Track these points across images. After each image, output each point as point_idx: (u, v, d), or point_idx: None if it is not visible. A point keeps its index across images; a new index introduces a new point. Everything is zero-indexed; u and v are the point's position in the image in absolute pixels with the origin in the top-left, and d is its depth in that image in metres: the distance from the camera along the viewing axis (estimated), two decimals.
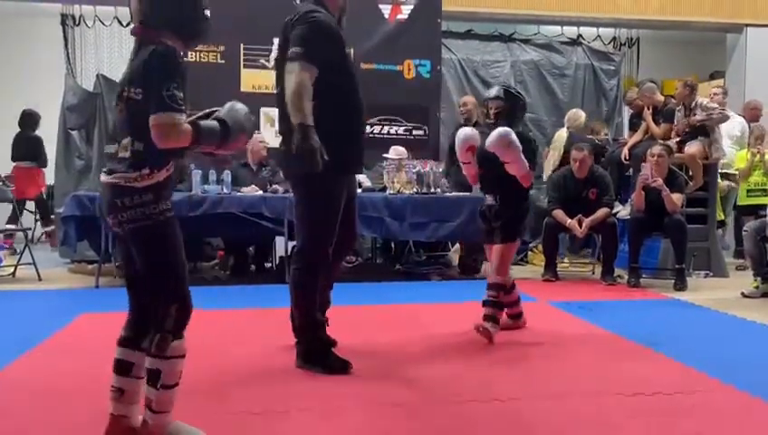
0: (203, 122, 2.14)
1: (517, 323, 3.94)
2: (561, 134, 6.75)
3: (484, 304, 3.67)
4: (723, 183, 6.64)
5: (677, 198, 5.45)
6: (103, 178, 2.13)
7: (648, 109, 6.58)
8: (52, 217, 7.38)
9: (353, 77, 3.07)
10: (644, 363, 3.24)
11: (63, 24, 7.02)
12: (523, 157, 3.52)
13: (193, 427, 2.25)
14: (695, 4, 7.70)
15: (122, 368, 2.19)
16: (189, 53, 6.30)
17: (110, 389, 2.20)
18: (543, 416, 2.56)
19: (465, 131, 3.75)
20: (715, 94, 6.71)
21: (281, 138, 3.12)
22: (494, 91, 3.73)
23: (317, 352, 3.06)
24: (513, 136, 3.47)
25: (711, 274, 6.09)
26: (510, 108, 3.66)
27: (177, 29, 2.14)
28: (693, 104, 6.17)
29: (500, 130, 3.49)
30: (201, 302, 3.80)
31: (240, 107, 2.24)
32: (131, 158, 2.08)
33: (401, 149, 6.27)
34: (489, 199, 3.76)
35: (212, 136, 2.14)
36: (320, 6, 3.01)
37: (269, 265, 6.21)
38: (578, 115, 6.87)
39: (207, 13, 2.23)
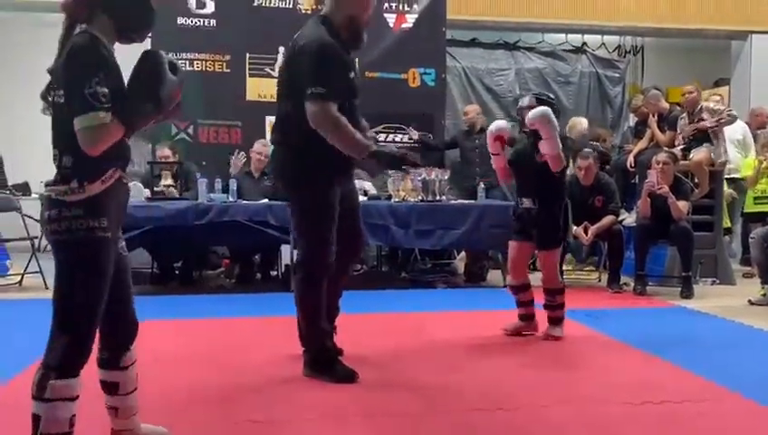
0: (129, 104, 1.86)
1: (529, 326, 3.97)
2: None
3: (545, 307, 3.87)
4: (727, 191, 6.62)
5: (683, 205, 5.44)
6: (44, 188, 1.97)
7: (654, 116, 6.58)
8: None
9: (354, 98, 3.06)
10: (651, 372, 3.22)
11: None
12: (558, 139, 3.60)
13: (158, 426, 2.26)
14: (699, 12, 7.70)
15: (109, 388, 2.13)
16: (196, 62, 6.36)
17: (105, 406, 2.17)
18: (549, 425, 2.55)
19: (497, 122, 4.00)
20: (716, 102, 6.70)
21: (273, 148, 3.15)
22: (526, 100, 3.82)
23: (323, 362, 3.06)
24: (554, 117, 3.60)
25: (718, 281, 6.06)
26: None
27: (114, 11, 1.88)
28: (698, 108, 6.17)
29: (543, 107, 3.62)
30: (207, 310, 3.83)
31: (160, 61, 1.91)
32: (60, 169, 1.86)
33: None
34: (527, 203, 3.82)
35: (145, 115, 1.90)
36: (325, 25, 3.00)
37: (275, 273, 6.21)
38: (576, 123, 6.91)
39: (152, 3, 1.98)
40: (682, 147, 6.20)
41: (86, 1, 1.86)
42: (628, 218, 6.15)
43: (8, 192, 6.70)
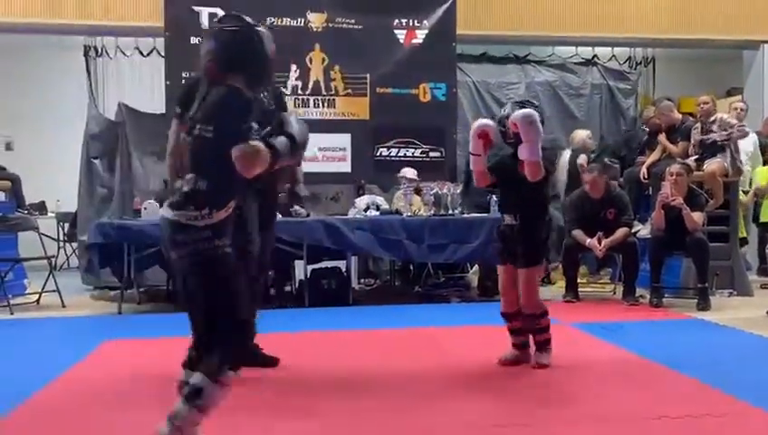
0: (276, 142, 2.24)
1: (525, 354, 3.61)
2: (564, 156, 6.84)
3: (531, 334, 3.56)
4: (746, 198, 6.57)
5: (698, 216, 5.40)
6: (165, 212, 2.24)
7: (662, 130, 6.54)
8: (74, 243, 7.51)
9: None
10: (669, 385, 3.20)
11: (86, 55, 7.17)
12: (540, 145, 3.34)
13: None
14: (710, 23, 7.68)
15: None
16: None
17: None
18: None
19: (482, 120, 3.62)
20: (741, 110, 6.64)
21: None
22: (508, 108, 3.56)
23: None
24: (539, 121, 3.35)
25: (735, 293, 6.00)
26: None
27: (244, 72, 2.29)
28: (711, 119, 6.14)
29: (528, 109, 3.39)
30: None
31: (300, 120, 2.37)
32: (193, 195, 2.19)
33: (412, 170, 6.32)
34: (508, 219, 3.56)
35: (285, 152, 2.26)
36: None
37: (288, 288, 6.24)
38: (575, 135, 6.93)
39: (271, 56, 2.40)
40: (695, 158, 6.17)
41: (224, 67, 2.29)
42: (643, 230, 6.12)
43: (26, 211, 6.79)
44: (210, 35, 2.41)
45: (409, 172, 6.32)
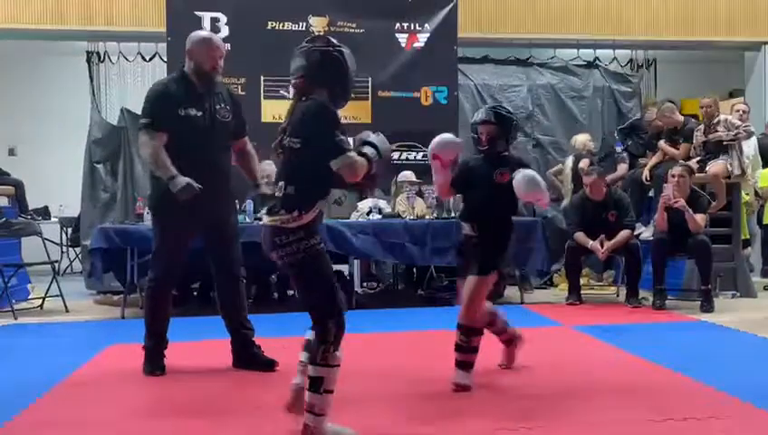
0: (367, 151, 2.52)
1: (513, 349, 3.59)
2: (567, 161, 6.87)
3: (456, 348, 3.25)
4: (752, 199, 6.56)
5: (701, 218, 5.40)
6: (264, 218, 2.50)
7: (662, 131, 6.54)
8: (77, 248, 7.53)
9: (196, 132, 3.49)
10: (673, 388, 3.19)
11: (89, 60, 7.21)
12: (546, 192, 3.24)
13: (346, 428, 2.52)
14: (711, 24, 7.69)
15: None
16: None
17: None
18: None
19: (441, 137, 3.29)
20: (744, 112, 6.64)
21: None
22: (482, 115, 3.32)
23: (147, 355, 3.55)
24: (538, 177, 3.19)
25: (738, 294, 5.99)
26: (503, 130, 3.27)
27: (329, 88, 2.53)
28: (715, 120, 6.14)
29: (526, 176, 3.14)
30: (225, 331, 3.84)
31: (380, 134, 2.63)
32: (284, 200, 2.46)
33: (410, 173, 6.32)
34: (466, 229, 3.31)
35: (375, 160, 2.53)
36: (176, 74, 3.63)
37: (291, 292, 6.23)
38: (575, 140, 6.95)
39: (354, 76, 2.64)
40: (697, 159, 6.16)
41: (312, 82, 2.53)
42: (645, 232, 6.12)
43: (29, 217, 6.81)
44: (300, 54, 2.59)
45: (409, 175, 6.32)
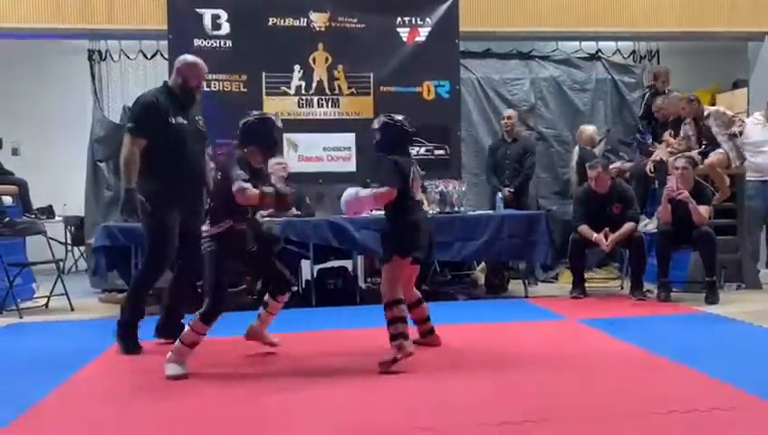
0: (266, 190, 3.41)
1: (430, 340, 3.94)
2: (574, 153, 6.88)
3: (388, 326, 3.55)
4: None
5: (705, 210, 5.38)
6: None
7: (668, 123, 6.52)
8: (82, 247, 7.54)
9: (182, 140, 3.94)
10: (678, 380, 3.19)
11: (90, 58, 7.21)
12: (373, 198, 3.67)
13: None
14: (714, 15, 7.63)
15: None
16: (213, 83, 6.48)
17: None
18: None
19: (348, 194, 3.78)
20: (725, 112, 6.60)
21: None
22: (374, 123, 3.83)
23: (122, 332, 3.94)
24: (349, 193, 3.72)
25: (743, 286, 5.98)
26: (384, 138, 3.71)
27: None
28: (706, 114, 6.10)
29: (343, 197, 3.77)
30: (230, 328, 3.86)
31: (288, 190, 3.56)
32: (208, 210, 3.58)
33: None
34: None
35: (265, 196, 3.38)
36: (161, 87, 4.08)
37: (295, 288, 6.23)
38: (583, 130, 6.93)
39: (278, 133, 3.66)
40: (698, 150, 6.12)
41: (243, 143, 3.56)
42: (650, 225, 6.10)
43: (33, 216, 6.82)
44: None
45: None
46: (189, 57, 4.19)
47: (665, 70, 7.10)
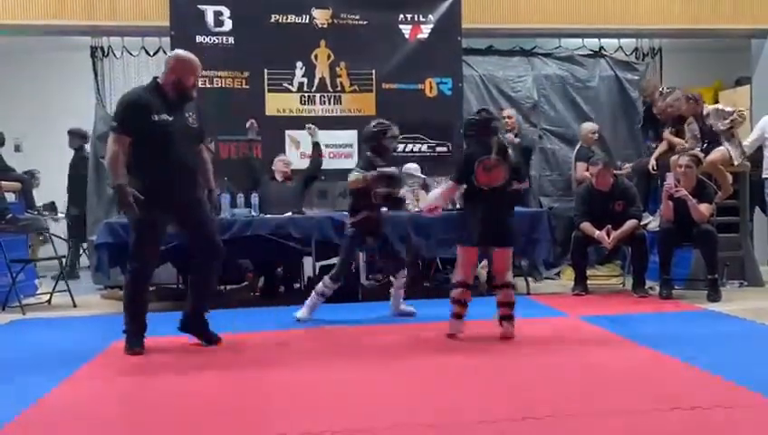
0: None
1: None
2: (575, 150, 6.91)
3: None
4: None
5: (705, 207, 5.37)
6: None
7: (669, 121, 6.51)
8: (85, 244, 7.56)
9: (168, 137, 3.85)
10: (680, 377, 3.19)
11: (93, 55, 7.21)
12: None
13: None
14: (716, 12, 7.61)
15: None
16: (216, 79, 6.49)
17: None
18: (577, 433, 2.53)
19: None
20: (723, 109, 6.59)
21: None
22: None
23: (128, 336, 3.85)
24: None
25: (745, 283, 5.97)
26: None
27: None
28: (706, 113, 6.09)
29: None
30: (232, 324, 3.86)
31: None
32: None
33: (415, 165, 6.31)
34: None
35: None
36: (150, 85, 3.95)
37: (297, 285, 6.25)
38: (582, 129, 6.91)
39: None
40: (700, 148, 6.11)
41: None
42: (652, 223, 6.09)
43: (36, 213, 6.83)
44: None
45: (413, 168, 6.29)
46: (181, 53, 4.04)
47: (652, 83, 7.11)
